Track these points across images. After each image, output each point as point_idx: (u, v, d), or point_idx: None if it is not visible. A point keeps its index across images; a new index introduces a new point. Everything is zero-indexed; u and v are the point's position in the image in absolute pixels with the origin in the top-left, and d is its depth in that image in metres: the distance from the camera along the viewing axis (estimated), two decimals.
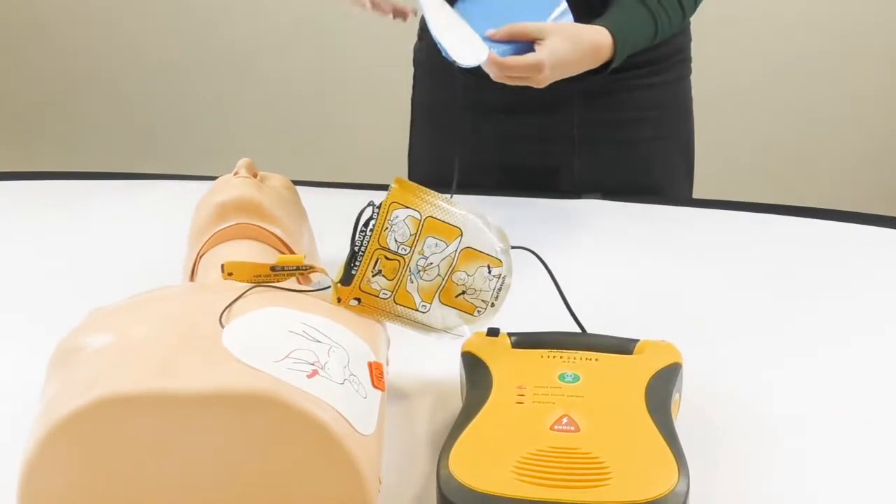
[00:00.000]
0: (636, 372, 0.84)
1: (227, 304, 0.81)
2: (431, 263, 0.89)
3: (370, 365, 0.81)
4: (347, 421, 0.71)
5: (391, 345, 0.93)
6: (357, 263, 0.88)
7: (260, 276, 0.88)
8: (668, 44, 1.45)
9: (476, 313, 0.90)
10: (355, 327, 0.85)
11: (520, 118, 1.43)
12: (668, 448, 0.74)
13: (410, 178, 1.52)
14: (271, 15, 3.02)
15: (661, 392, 0.81)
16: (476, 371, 0.85)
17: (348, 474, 0.70)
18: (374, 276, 0.88)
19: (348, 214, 0.92)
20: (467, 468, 0.72)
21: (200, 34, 2.99)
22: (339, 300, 0.88)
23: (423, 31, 1.53)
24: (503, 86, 1.33)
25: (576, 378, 0.82)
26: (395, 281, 0.88)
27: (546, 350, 0.87)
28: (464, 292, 0.89)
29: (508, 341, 0.90)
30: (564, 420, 0.77)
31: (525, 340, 0.90)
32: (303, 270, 0.89)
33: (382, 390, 0.81)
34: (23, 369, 0.88)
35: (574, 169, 1.46)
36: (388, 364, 0.89)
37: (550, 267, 0.96)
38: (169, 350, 0.74)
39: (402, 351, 0.95)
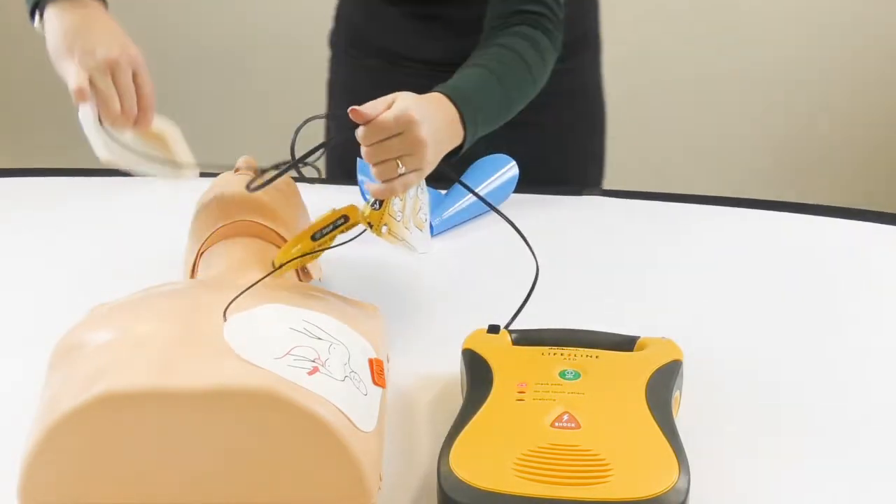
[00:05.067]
0: (637, 369, 0.84)
1: (227, 300, 0.82)
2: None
3: (371, 362, 0.81)
4: (348, 418, 0.71)
5: (392, 342, 0.93)
6: None
7: (306, 252, 0.90)
8: (571, 31, 1.44)
9: (423, 229, 0.98)
10: (356, 324, 0.85)
11: None
12: (668, 445, 0.74)
13: (328, 160, 1.54)
14: (271, 12, 3.02)
15: (661, 389, 0.81)
16: (477, 368, 0.86)
17: (349, 471, 0.70)
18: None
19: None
20: (468, 465, 0.72)
21: (201, 31, 2.98)
22: (370, 226, 0.91)
23: (339, 15, 1.54)
24: (417, 69, 1.37)
25: (576, 375, 0.82)
26: (403, 201, 0.93)
27: (546, 347, 0.87)
28: (420, 208, 0.96)
29: (509, 338, 0.90)
30: (565, 417, 0.77)
31: (525, 338, 0.90)
32: (340, 226, 0.91)
33: (383, 387, 0.81)
34: (23, 366, 0.88)
35: (480, 157, 1.45)
36: (388, 361, 0.89)
37: (551, 263, 0.97)
38: (170, 347, 0.74)
39: (403, 348, 0.95)
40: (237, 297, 0.81)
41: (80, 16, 0.95)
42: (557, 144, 1.48)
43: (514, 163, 1.36)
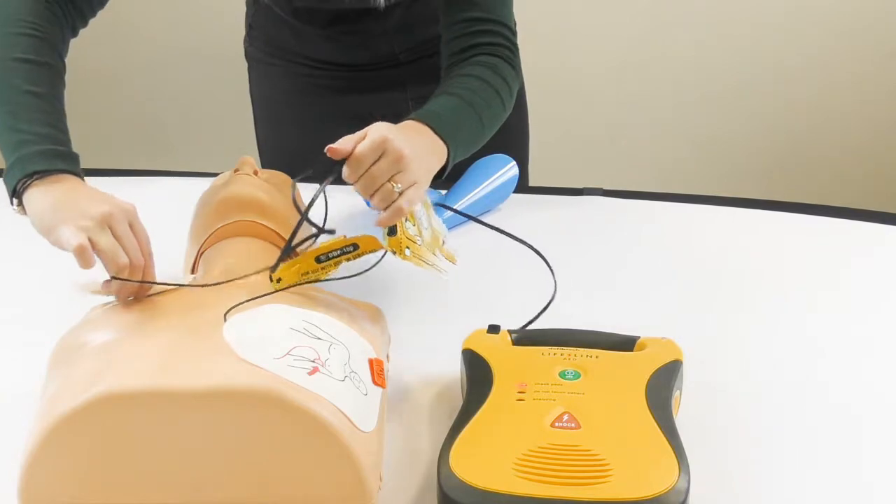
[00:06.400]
0: (637, 369, 0.84)
1: (227, 300, 0.82)
2: (421, 210, 0.94)
3: (371, 362, 0.81)
4: (348, 418, 0.71)
5: (392, 342, 0.93)
6: None
7: (307, 272, 0.88)
8: None
9: (456, 263, 0.97)
10: (356, 324, 0.85)
11: (356, 97, 1.45)
12: (668, 445, 0.74)
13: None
14: None
15: (661, 389, 0.81)
16: (477, 368, 0.85)
17: (349, 471, 0.70)
18: (405, 221, 0.91)
19: (347, 211, 0.92)
20: (468, 465, 0.72)
21: (202, 31, 2.98)
22: (394, 252, 0.89)
23: (252, 26, 1.54)
24: (339, 72, 1.41)
25: (576, 375, 0.82)
26: (417, 227, 0.92)
27: (546, 347, 0.87)
28: (444, 242, 0.95)
29: (509, 338, 0.90)
30: (565, 417, 0.77)
31: (526, 337, 0.90)
32: (347, 254, 0.89)
33: (383, 387, 0.81)
34: (23, 366, 0.88)
35: None
36: (388, 361, 0.89)
37: (551, 263, 0.96)
38: (170, 347, 0.74)
39: (403, 348, 0.95)
40: (236, 305, 0.81)
41: (64, 189, 0.92)
42: None
43: (514, 163, 1.36)
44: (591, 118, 2.78)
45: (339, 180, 1.02)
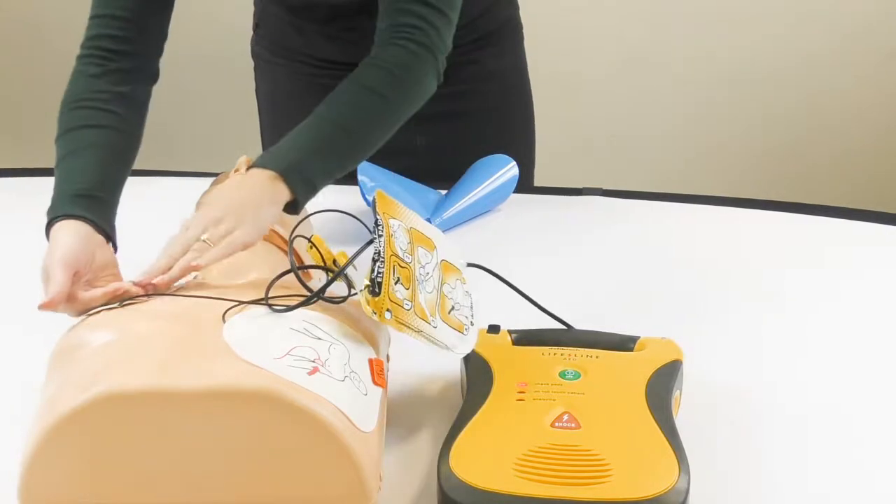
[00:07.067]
0: (637, 369, 0.84)
1: (227, 300, 0.81)
2: (428, 273, 0.88)
3: (371, 362, 0.81)
4: (348, 418, 0.71)
5: (392, 342, 0.93)
6: (381, 271, 0.82)
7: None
8: (494, 17, 1.46)
9: (465, 331, 0.87)
10: (356, 324, 0.85)
11: None
12: (668, 445, 0.74)
13: None
14: None
15: (661, 389, 0.81)
16: (477, 368, 0.85)
17: (349, 471, 0.70)
18: (395, 283, 0.83)
19: (347, 210, 0.92)
20: (468, 465, 0.72)
21: (201, 30, 2.98)
22: (374, 313, 0.80)
23: (258, 25, 1.55)
24: (342, 71, 1.40)
25: (576, 375, 0.82)
26: (410, 290, 0.84)
27: (546, 347, 0.87)
28: (454, 308, 0.88)
29: (509, 338, 0.90)
30: (565, 417, 0.77)
31: (525, 337, 0.90)
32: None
33: (383, 387, 0.81)
34: (23, 366, 0.88)
35: (417, 145, 1.46)
36: (388, 361, 0.89)
37: (551, 263, 0.97)
38: (170, 347, 0.74)
39: (403, 348, 0.94)
40: (236, 305, 0.81)
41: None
42: (492, 129, 1.49)
43: (514, 163, 1.36)
44: (592, 118, 2.78)
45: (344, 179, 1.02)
